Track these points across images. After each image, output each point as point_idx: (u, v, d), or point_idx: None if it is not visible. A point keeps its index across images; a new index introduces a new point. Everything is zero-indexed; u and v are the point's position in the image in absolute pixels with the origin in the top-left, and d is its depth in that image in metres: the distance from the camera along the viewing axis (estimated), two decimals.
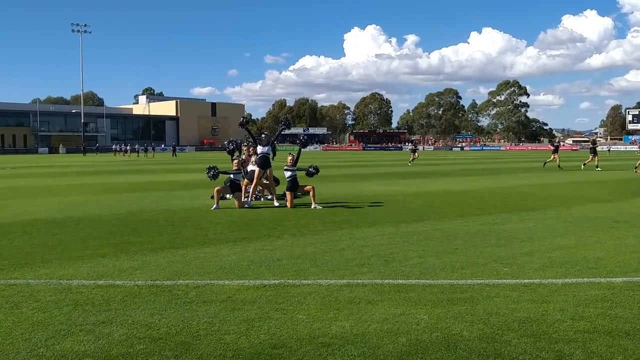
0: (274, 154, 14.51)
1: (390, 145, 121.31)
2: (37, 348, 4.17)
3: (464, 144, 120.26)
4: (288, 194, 12.76)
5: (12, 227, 9.77)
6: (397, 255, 7.32)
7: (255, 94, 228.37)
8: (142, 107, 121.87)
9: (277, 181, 14.37)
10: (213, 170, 12.99)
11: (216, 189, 12.68)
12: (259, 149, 13.55)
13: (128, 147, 70.88)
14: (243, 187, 13.62)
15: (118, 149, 73.56)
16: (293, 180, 12.99)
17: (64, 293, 5.59)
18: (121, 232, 9.20)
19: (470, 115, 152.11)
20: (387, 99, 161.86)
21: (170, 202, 13.79)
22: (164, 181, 21.96)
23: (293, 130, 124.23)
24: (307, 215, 11.41)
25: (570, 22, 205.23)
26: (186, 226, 9.88)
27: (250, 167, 13.99)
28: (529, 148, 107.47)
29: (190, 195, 15.56)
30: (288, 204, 12.68)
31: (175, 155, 64.02)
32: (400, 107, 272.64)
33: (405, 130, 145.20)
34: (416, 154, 39.54)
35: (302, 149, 14.20)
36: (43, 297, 5.46)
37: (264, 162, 13.45)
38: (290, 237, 8.77)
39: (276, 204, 13.08)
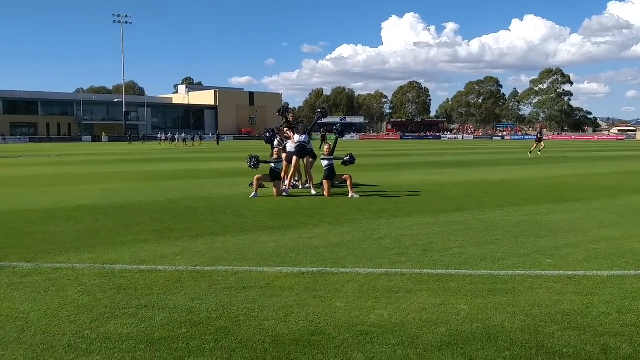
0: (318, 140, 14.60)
1: (428, 134, 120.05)
2: (83, 330, 4.29)
3: (504, 133, 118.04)
4: (325, 182, 12.77)
5: (58, 213, 10.06)
6: (436, 245, 7.25)
7: (293, 83, 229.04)
8: (181, 97, 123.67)
9: (314, 156, 14.33)
10: (254, 160, 13.09)
11: (256, 176, 12.78)
12: (296, 137, 13.59)
13: (177, 136, 71.27)
14: (282, 176, 13.71)
15: (164, 138, 74.71)
16: (330, 169, 13.00)
17: (107, 277, 5.73)
18: (162, 219, 9.37)
19: (511, 104, 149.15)
20: (425, 87, 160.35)
21: (210, 190, 13.97)
22: (203, 169, 22.26)
23: (330, 119, 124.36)
24: (345, 204, 11.40)
25: (616, 9, 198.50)
26: (225, 213, 9.99)
27: (289, 145, 13.97)
28: (572, 137, 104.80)
29: (229, 183, 15.73)
30: (325, 193, 12.69)
31: (219, 144, 64.93)
32: (439, 95, 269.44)
33: (444, 119, 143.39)
34: (542, 143, 34.87)
35: (339, 139, 14.16)
36: (88, 280, 5.61)
37: (300, 151, 13.48)
38: (327, 225, 8.78)
39: (313, 192, 13.11)
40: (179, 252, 6.84)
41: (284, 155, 13.91)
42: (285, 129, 14.51)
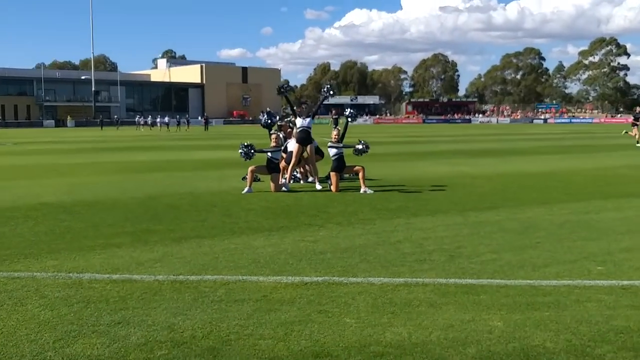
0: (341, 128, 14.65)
1: (456, 117, 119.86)
2: (44, 351, 4.31)
3: (547, 115, 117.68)
4: (333, 175, 12.78)
5: (15, 212, 10.11)
6: (464, 250, 7.25)
7: (294, 56, 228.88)
8: (162, 73, 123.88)
9: (321, 154, 14.42)
10: (247, 149, 13.11)
11: (250, 168, 12.80)
12: (298, 121, 13.57)
13: (158, 120, 70.96)
14: (281, 168, 13.72)
15: (143, 122, 74.36)
16: (339, 159, 13.00)
17: (74, 288, 5.75)
18: (139, 219, 9.41)
19: (555, 81, 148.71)
20: (452, 61, 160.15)
21: (196, 185, 14.01)
22: (188, 160, 22.32)
23: (337, 99, 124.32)
24: (356, 200, 11.40)
25: None
26: (213, 212, 10.02)
27: (290, 146, 14.02)
28: (629, 120, 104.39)
29: (218, 177, 15.76)
30: (332, 188, 12.70)
31: (207, 129, 65.08)
32: (469, 70, 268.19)
33: (475, 99, 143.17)
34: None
35: (350, 123, 14.17)
36: (50, 292, 5.64)
37: (304, 138, 13.47)
38: (335, 226, 8.80)
39: (318, 187, 13.11)
40: (159, 259, 6.87)
41: (283, 155, 13.92)
42: (287, 123, 14.52)
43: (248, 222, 9.17)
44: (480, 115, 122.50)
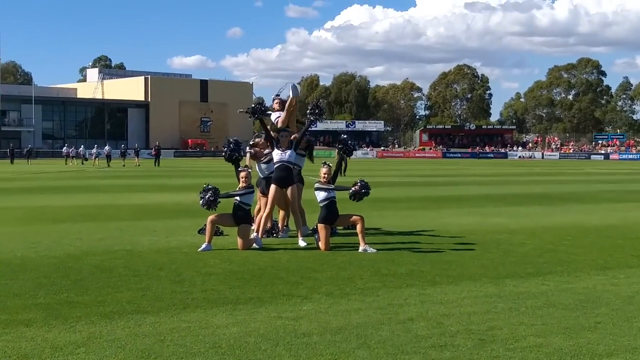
0: (311, 158, 14.65)
1: (487, 150, 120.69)
2: None
3: (609, 148, 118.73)
4: (321, 228, 12.76)
5: None
6: (499, 332, 7.23)
7: (271, 66, 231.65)
8: (91, 87, 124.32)
9: (301, 181, 14.42)
10: (210, 194, 13.02)
11: (210, 218, 12.77)
12: (276, 154, 13.59)
13: (94, 152, 70.35)
14: (256, 216, 13.70)
15: (73, 154, 73.41)
16: (329, 206, 13.00)
17: None
18: (57, 286, 9.31)
19: (620, 103, 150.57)
20: (482, 75, 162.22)
21: (135, 239, 13.94)
22: (126, 204, 22.23)
23: (329, 125, 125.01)
24: (353, 262, 11.38)
25: None
26: (159, 278, 9.95)
27: (261, 168, 14.09)
28: None
29: (165, 228, 15.70)
30: (321, 245, 12.67)
31: (158, 164, 64.43)
32: (505, 88, 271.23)
33: (513, 127, 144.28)
34: None
35: (346, 157, 14.20)
36: None
37: (283, 178, 13.45)
38: (324, 298, 8.75)
39: (302, 243, 13.09)
40: (83, 342, 6.79)
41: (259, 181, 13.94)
42: (260, 141, 14.52)
43: (206, 291, 9.10)
44: (520, 149, 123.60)
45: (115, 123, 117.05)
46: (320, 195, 13.09)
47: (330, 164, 13.57)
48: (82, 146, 76.34)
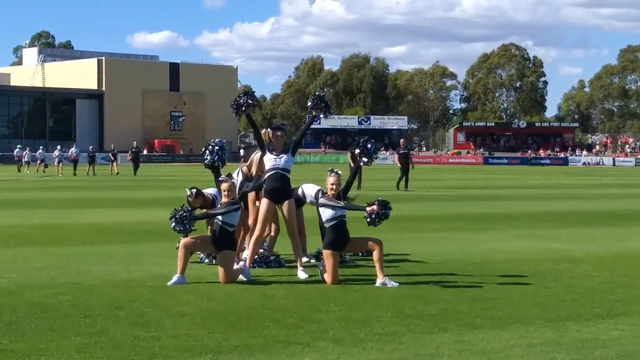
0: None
1: (542, 154, 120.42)
2: None
3: None
4: (327, 255, 12.69)
5: None
6: None
7: (260, 45, 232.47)
8: (29, 72, 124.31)
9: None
10: (185, 217, 12.96)
11: (183, 242, 12.76)
12: (269, 159, 13.58)
13: (38, 154, 69.73)
14: (239, 240, 13.71)
15: (24, 158, 73.21)
16: (338, 227, 12.89)
17: None
18: None
19: None
20: (534, 57, 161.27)
21: (86, 269, 13.94)
22: (74, 224, 22.23)
23: (337, 121, 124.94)
24: (368, 300, 11.39)
25: None
26: (117, 319, 9.94)
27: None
28: None
29: (125, 255, 15.69)
30: (327, 277, 12.64)
31: (136, 173, 62.56)
32: (565, 75, 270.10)
33: (575, 124, 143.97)
34: None
35: (364, 164, 14.12)
36: None
37: (277, 189, 13.47)
38: (331, 345, 8.74)
39: (303, 275, 13.12)
40: None
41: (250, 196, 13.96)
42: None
43: (177, 337, 9.08)
44: (584, 153, 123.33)
45: (59, 118, 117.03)
46: (327, 213, 12.99)
47: (340, 172, 13.47)
48: (40, 148, 75.37)
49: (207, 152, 14.07)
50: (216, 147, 14.05)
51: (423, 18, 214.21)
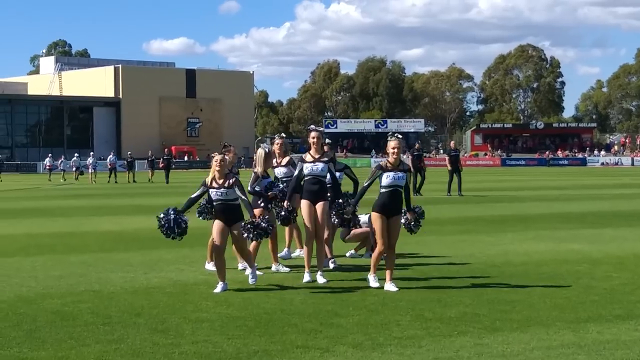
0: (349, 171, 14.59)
1: (560, 155, 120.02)
2: None
3: None
4: (376, 217, 12.58)
5: None
6: None
7: (277, 50, 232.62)
8: (46, 81, 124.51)
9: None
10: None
11: (213, 250, 12.84)
12: (307, 166, 13.52)
13: (71, 163, 69.57)
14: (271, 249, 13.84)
15: (59, 166, 72.97)
16: (391, 195, 12.64)
17: None
18: (4, 339, 9.34)
19: None
20: (552, 58, 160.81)
21: (105, 276, 13.98)
22: (92, 231, 22.26)
23: (353, 125, 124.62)
24: (387, 303, 11.39)
25: None
26: (136, 326, 9.97)
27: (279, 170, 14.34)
28: None
29: (143, 262, 15.73)
30: (378, 241, 12.57)
31: (168, 181, 61.74)
32: (582, 75, 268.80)
33: (593, 124, 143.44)
34: None
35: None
36: None
37: (314, 192, 13.59)
38: (351, 350, 8.75)
39: (322, 280, 13.18)
40: None
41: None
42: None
43: (197, 343, 9.11)
44: (603, 153, 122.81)
45: (77, 126, 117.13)
46: (384, 180, 12.63)
47: (400, 136, 13.08)
48: (75, 156, 74.84)
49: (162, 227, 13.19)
50: (171, 217, 13.11)
51: (439, 20, 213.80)
